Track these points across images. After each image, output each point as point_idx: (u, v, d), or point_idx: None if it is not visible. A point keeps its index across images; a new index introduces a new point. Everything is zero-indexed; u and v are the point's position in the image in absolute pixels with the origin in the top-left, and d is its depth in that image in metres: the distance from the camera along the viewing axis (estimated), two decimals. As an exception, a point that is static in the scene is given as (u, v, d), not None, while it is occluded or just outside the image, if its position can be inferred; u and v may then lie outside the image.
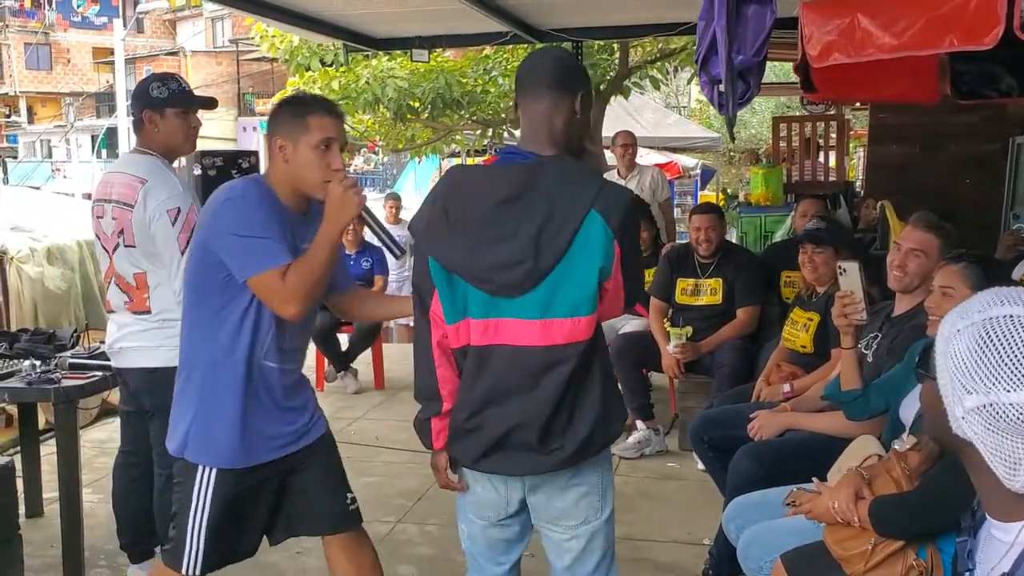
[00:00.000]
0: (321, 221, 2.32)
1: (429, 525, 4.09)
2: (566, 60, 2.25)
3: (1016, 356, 1.20)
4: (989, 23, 2.45)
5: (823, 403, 3.24)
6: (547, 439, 2.07)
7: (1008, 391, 1.20)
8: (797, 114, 10.29)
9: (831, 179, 8.01)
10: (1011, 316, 1.23)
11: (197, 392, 2.40)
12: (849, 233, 5.73)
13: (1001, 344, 1.21)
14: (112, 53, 25.41)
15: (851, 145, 11.42)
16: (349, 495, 2.65)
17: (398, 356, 7.55)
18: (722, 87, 2.87)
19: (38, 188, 16.74)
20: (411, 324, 11.00)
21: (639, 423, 4.98)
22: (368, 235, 7.62)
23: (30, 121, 39.45)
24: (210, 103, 3.36)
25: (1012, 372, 1.20)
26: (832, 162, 8.30)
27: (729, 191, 14.31)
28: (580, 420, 2.07)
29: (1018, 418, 1.20)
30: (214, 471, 2.39)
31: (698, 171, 16.12)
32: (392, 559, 3.74)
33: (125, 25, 27.01)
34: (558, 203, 2.00)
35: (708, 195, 14.81)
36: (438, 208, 2.11)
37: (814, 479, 2.49)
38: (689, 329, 4.84)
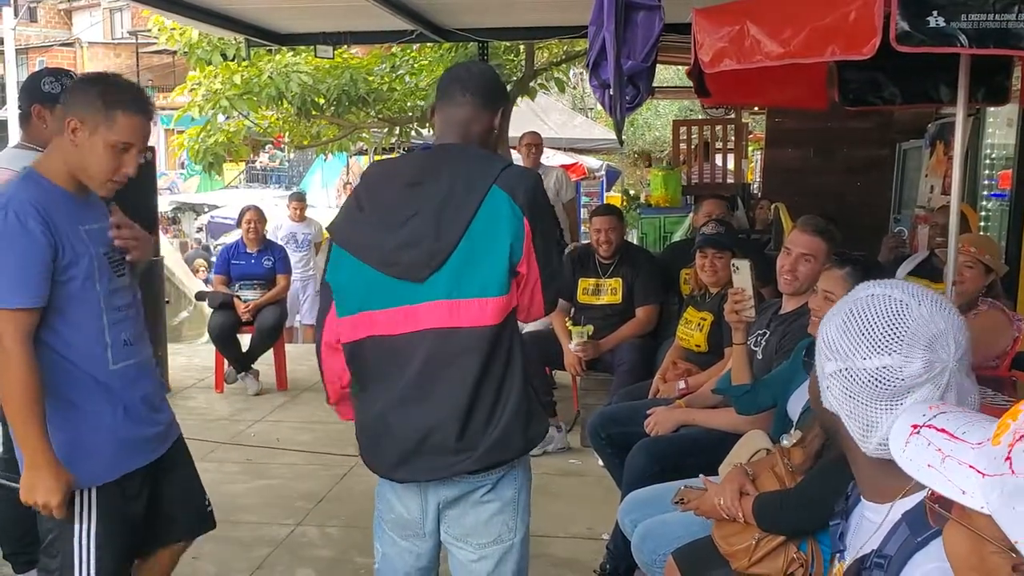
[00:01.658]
0: (100, 204, 2.26)
1: (330, 527, 4.05)
2: (491, 76, 2.26)
3: (873, 326, 1.32)
4: (867, 34, 2.56)
5: (717, 399, 3.34)
6: (462, 438, 1.99)
7: (865, 358, 1.31)
8: (700, 117, 10.53)
9: (729, 181, 8.22)
10: (872, 295, 1.36)
11: (48, 410, 2.17)
12: (745, 235, 5.89)
13: (862, 318, 1.33)
14: (2, 43, 24.33)
15: (749, 148, 11.74)
16: (206, 498, 2.62)
17: (302, 356, 7.44)
18: (611, 91, 2.92)
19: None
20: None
21: (542, 421, 5.02)
22: (271, 233, 7.50)
23: (-88, 112, 37.49)
24: None
25: (869, 341, 1.32)
26: (731, 164, 8.52)
27: (632, 192, 14.55)
28: (495, 418, 2.00)
29: (870, 380, 1.31)
30: (93, 491, 2.23)
31: (603, 172, 16.32)
32: (292, 562, 3.70)
33: (16, 13, 25.86)
34: (459, 181, 2.01)
35: (613, 196, 15.03)
36: (353, 201, 2.13)
37: (701, 476, 2.56)
38: (590, 328, 4.91)
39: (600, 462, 4.01)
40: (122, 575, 2.37)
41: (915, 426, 1.10)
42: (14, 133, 19.78)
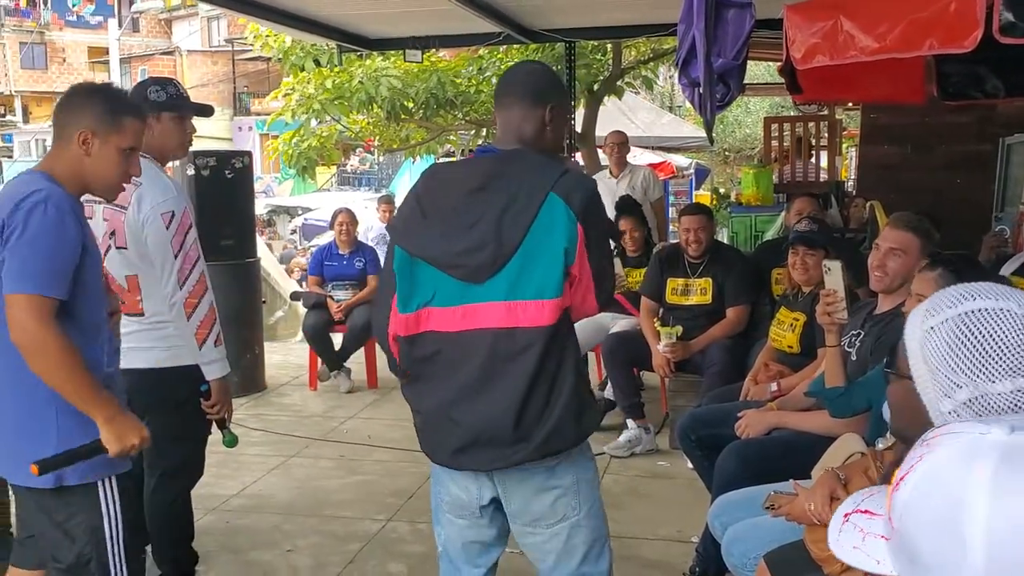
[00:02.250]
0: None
1: (420, 523, 4.11)
2: (538, 74, 2.34)
3: (995, 347, 1.24)
4: (969, 26, 2.48)
5: (809, 402, 3.28)
6: (518, 430, 2.10)
7: (993, 381, 1.24)
8: (792, 114, 10.33)
9: (822, 179, 8.04)
10: (984, 310, 1.28)
11: (53, 405, 2.20)
12: (839, 233, 5.76)
13: (979, 337, 1.26)
14: (107, 52, 25.39)
15: (843, 145, 11.45)
16: None
17: (391, 355, 7.57)
18: (701, 90, 2.90)
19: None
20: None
21: (630, 422, 5.01)
22: (362, 234, 7.66)
23: (25, 120, 39.35)
24: (206, 111, 3.37)
25: (995, 363, 1.24)
26: (824, 162, 8.33)
27: (722, 191, 14.35)
28: (549, 411, 2.10)
29: (1007, 406, 1.24)
30: (113, 479, 2.29)
31: (692, 171, 16.15)
32: (384, 557, 3.77)
33: (120, 24, 26.99)
34: (520, 188, 2.10)
35: (703, 195, 14.84)
36: (412, 203, 2.22)
37: (791, 480, 2.52)
38: (679, 328, 4.87)
39: (689, 464, 3.97)
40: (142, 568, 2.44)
41: (846, 515, 1.14)
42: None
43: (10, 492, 2.77)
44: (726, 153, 21.64)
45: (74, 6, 38.82)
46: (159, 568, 3.33)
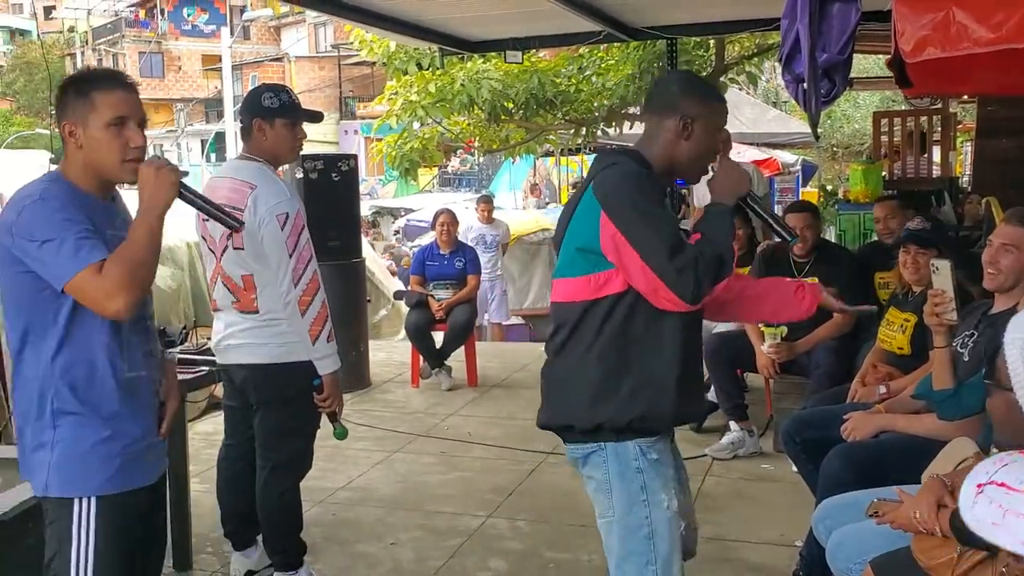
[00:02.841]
0: (122, 211, 2.19)
1: (519, 521, 4.15)
2: (667, 83, 2.49)
3: None
4: (1092, 14, 2.37)
5: (919, 405, 3.17)
6: (545, 388, 2.33)
7: None
8: (903, 108, 9.98)
9: (935, 175, 7.74)
10: None
11: (54, 416, 2.11)
12: (952, 231, 5.55)
13: None
14: (220, 60, 26.33)
15: (958, 140, 10.99)
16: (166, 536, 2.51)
17: (491, 354, 7.66)
18: (805, 85, 2.83)
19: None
20: (503, 323, 11.06)
21: (732, 424, 4.95)
22: (461, 235, 7.77)
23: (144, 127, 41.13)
24: (316, 117, 3.47)
25: None
26: (937, 157, 8.03)
27: (829, 188, 13.97)
28: (568, 386, 2.25)
29: None
30: (92, 500, 2.12)
31: (798, 167, 15.76)
32: (484, 553, 3.82)
33: (232, 33, 27.94)
34: (583, 182, 2.33)
35: (810, 192, 14.47)
36: None
37: (895, 487, 2.45)
38: (784, 329, 4.77)
39: (794, 468, 3.90)
40: None
41: (979, 485, 1.09)
42: (231, 145, 21.38)
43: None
44: (834, 149, 21.07)
45: (189, 16, 40.45)
46: (270, 558, 3.46)
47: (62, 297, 2.07)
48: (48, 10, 50.16)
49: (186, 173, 2.18)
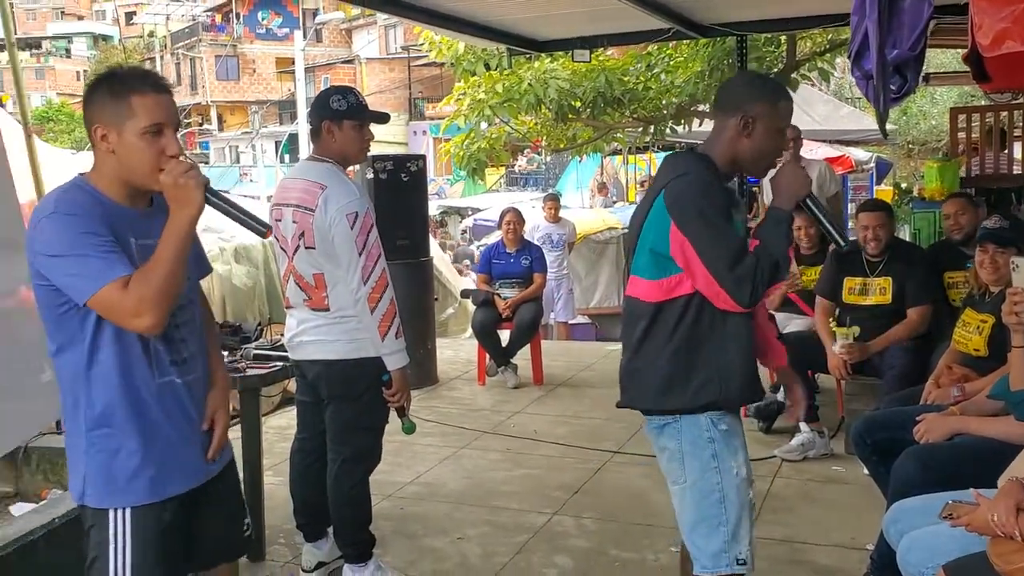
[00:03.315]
0: (158, 220, 2.06)
1: (585, 518, 4.16)
2: (732, 83, 2.66)
3: None
4: None
5: (996, 407, 3.10)
6: (625, 379, 2.54)
7: None
8: (982, 103, 9.70)
9: (1015, 171, 7.50)
10: None
11: (87, 424, 2.09)
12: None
13: None
14: (293, 63, 26.83)
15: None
16: (246, 520, 2.43)
17: (557, 352, 7.67)
18: (875, 82, 2.78)
19: (227, 191, 17.81)
20: (569, 322, 11.04)
21: (803, 425, 4.87)
22: (528, 233, 7.79)
23: (220, 128, 42.28)
24: (383, 118, 3.52)
25: None
26: (1018, 154, 7.77)
27: (904, 185, 13.63)
28: (642, 373, 2.47)
29: None
30: (127, 512, 2.10)
31: (872, 165, 15.42)
32: (550, 549, 3.83)
33: (305, 36, 28.42)
34: (655, 186, 2.47)
35: (884, 190, 14.16)
36: None
37: (972, 490, 2.40)
38: (856, 329, 4.69)
39: (865, 471, 3.83)
40: None
41: None
42: (304, 146, 21.75)
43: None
44: (910, 146, 20.56)
45: (263, 20, 41.32)
46: (340, 550, 3.53)
47: (86, 311, 2.02)
48: (129, 16, 51.73)
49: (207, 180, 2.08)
